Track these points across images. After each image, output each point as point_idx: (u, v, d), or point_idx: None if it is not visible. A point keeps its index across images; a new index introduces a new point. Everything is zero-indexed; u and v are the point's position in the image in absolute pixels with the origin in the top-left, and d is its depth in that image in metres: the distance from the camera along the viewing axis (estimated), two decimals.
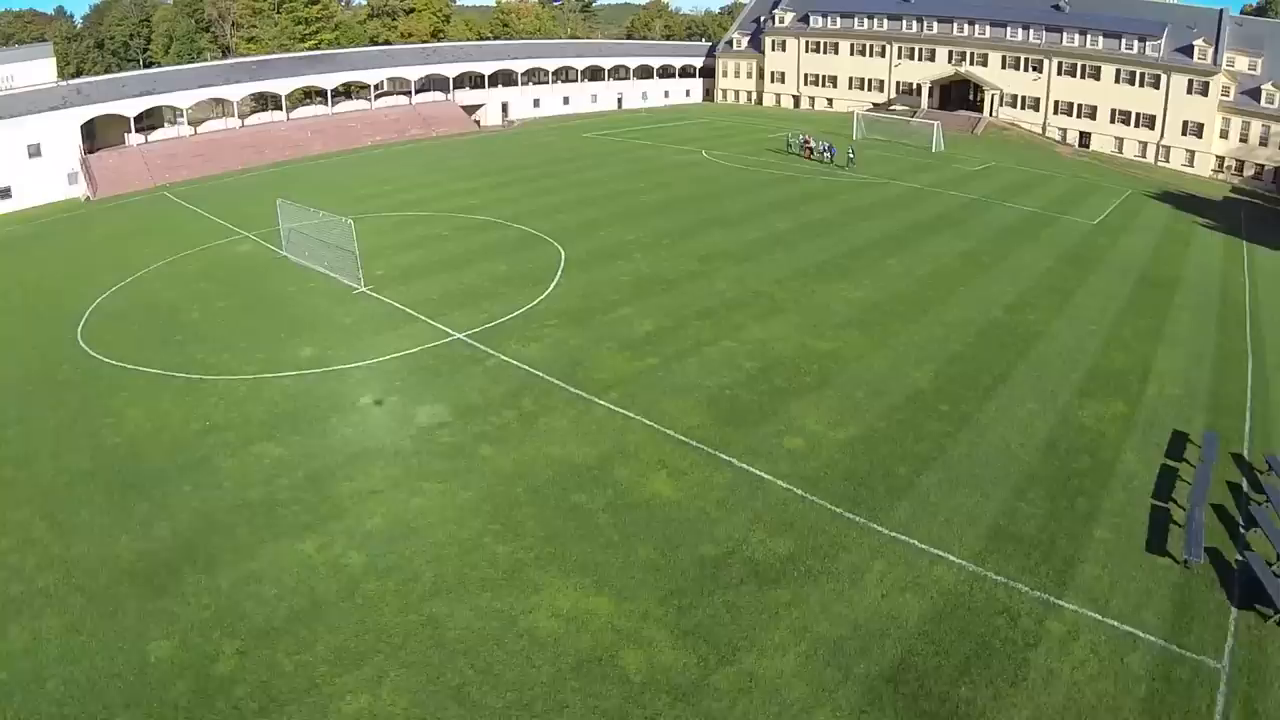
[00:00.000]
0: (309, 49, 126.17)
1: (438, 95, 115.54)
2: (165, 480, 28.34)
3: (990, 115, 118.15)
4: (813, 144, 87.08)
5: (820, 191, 72.48)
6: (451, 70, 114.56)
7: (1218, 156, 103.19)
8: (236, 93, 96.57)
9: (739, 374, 35.83)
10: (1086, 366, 38.75)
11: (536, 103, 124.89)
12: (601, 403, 32.96)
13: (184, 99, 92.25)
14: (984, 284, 49.31)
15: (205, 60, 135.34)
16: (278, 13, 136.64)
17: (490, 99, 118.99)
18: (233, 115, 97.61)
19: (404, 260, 50.55)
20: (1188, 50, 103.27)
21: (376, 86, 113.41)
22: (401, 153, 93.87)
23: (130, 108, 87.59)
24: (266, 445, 30.21)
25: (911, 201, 70.65)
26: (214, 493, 27.61)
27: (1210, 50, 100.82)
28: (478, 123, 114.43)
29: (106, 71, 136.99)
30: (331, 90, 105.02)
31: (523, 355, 37.25)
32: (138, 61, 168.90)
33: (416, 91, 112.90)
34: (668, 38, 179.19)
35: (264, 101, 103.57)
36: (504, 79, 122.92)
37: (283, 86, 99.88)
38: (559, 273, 48.00)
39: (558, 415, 32.05)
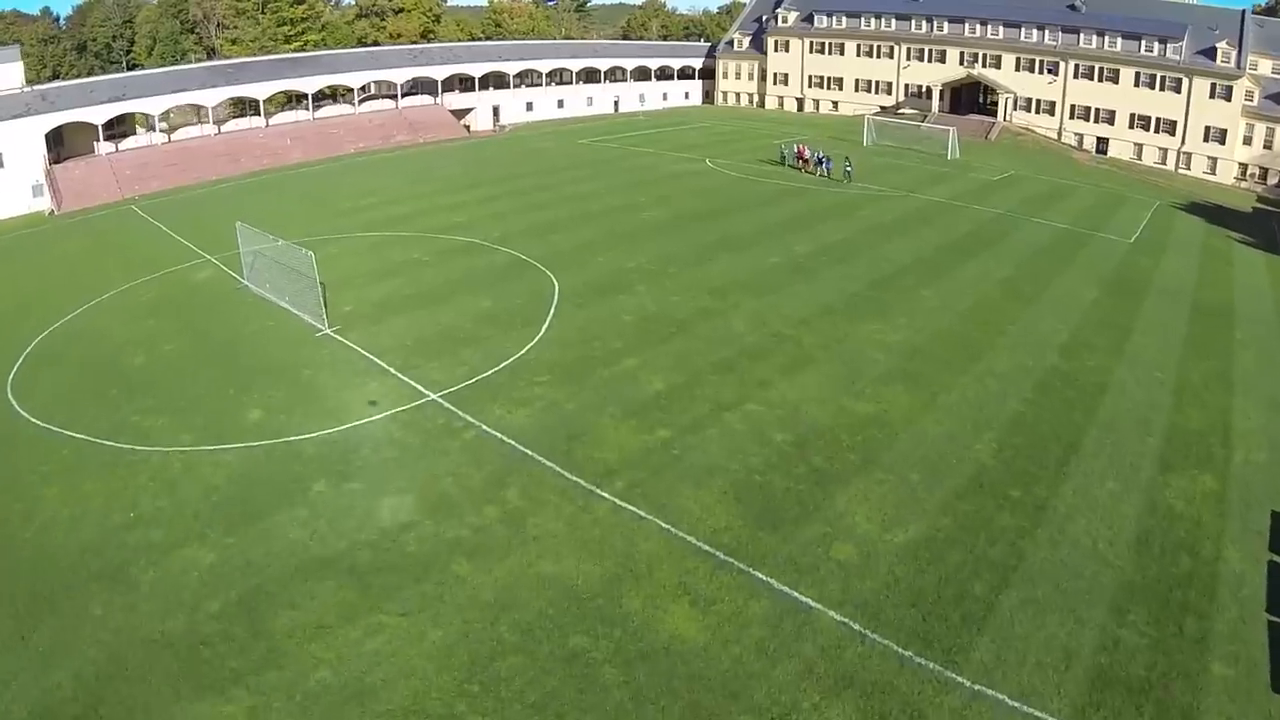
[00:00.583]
0: (294, 50, 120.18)
1: (425, 99, 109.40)
2: (74, 595, 22.59)
3: (1004, 119, 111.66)
4: (807, 154, 79.71)
5: (835, 207, 66.63)
6: (440, 72, 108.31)
7: (1240, 164, 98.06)
8: (211, 98, 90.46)
9: (769, 450, 29.72)
10: (1162, 428, 33.15)
11: (529, 106, 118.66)
12: (605, 495, 26.85)
13: (155, 105, 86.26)
14: (1031, 320, 43.65)
15: (190, 62, 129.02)
16: (262, 13, 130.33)
17: (481, 102, 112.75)
18: (208, 122, 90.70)
19: (377, 293, 44.50)
20: (1209, 53, 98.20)
21: (362, 89, 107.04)
22: (385, 161, 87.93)
23: (98, 115, 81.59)
24: (197, 550, 24.25)
25: (935, 217, 64.95)
26: (128, 618, 21.74)
27: (1234, 53, 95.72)
28: (467, 128, 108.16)
29: (89, 74, 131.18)
30: (313, 94, 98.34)
31: (508, 424, 31.08)
32: (121, 64, 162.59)
33: (403, 95, 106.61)
34: (664, 38, 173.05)
35: (243, 107, 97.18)
36: (495, 81, 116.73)
37: (261, 91, 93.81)
38: (551, 310, 42.01)
39: (551, 513, 25.93)
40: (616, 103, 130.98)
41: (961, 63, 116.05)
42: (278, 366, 36.13)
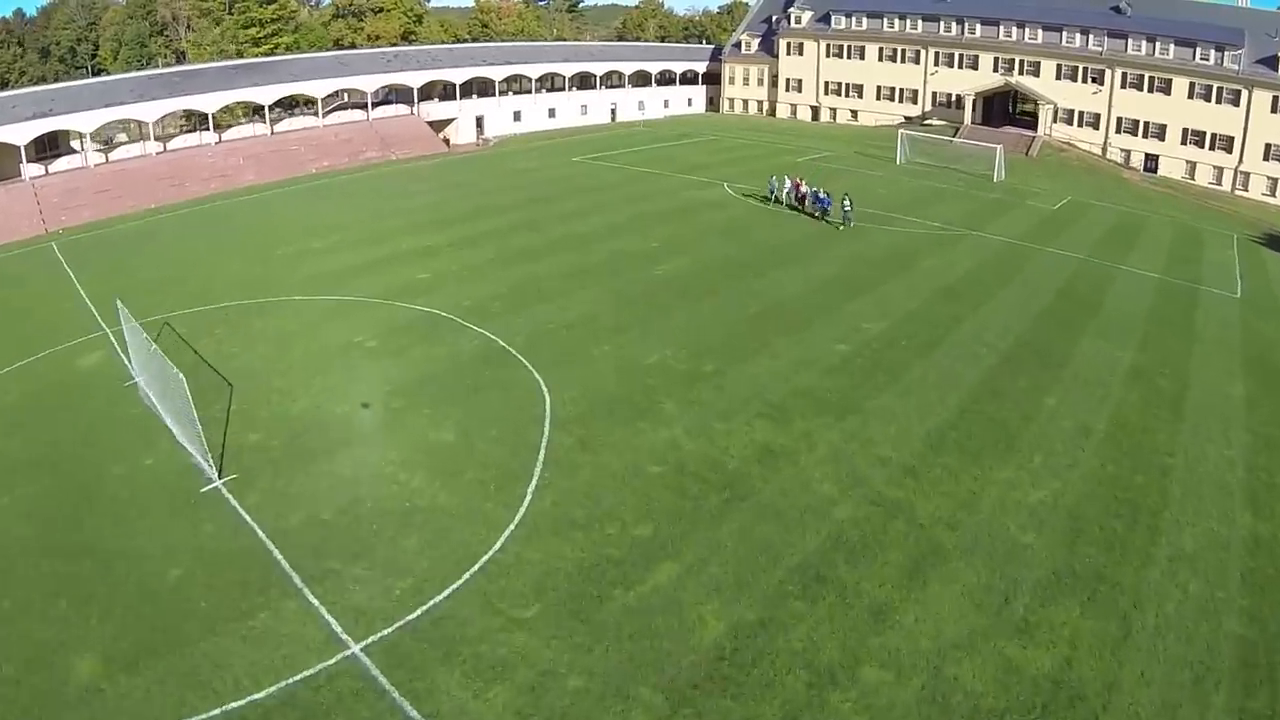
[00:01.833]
0: (263, 55, 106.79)
1: (401, 109, 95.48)
2: None
3: (1044, 133, 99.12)
4: (804, 190, 63.37)
5: (892, 255, 53.62)
6: (416, 79, 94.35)
7: None
8: (152, 111, 76.41)
9: None
10: None
11: (517, 116, 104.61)
12: None
13: (86, 121, 72.44)
14: (1190, 444, 31.41)
15: (158, 67, 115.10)
16: (229, 13, 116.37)
17: (462, 112, 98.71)
18: (150, 139, 76.59)
19: (298, 406, 31.35)
20: (1270, 61, 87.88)
21: (334, 97, 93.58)
22: (349, 185, 74.21)
23: (20, 134, 67.47)
24: None
25: (1011, 268, 52.61)
26: None
27: None
28: (446, 141, 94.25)
29: (56, 80, 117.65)
30: (271, 105, 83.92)
31: None
32: (86, 70, 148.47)
33: (375, 105, 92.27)
34: (662, 39, 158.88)
35: (197, 121, 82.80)
36: (479, 88, 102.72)
37: (210, 103, 79.77)
38: (541, 451, 28.39)
39: None
40: (613, 111, 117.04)
41: (996, 69, 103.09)
42: (134, 561, 22.90)
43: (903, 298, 45.02)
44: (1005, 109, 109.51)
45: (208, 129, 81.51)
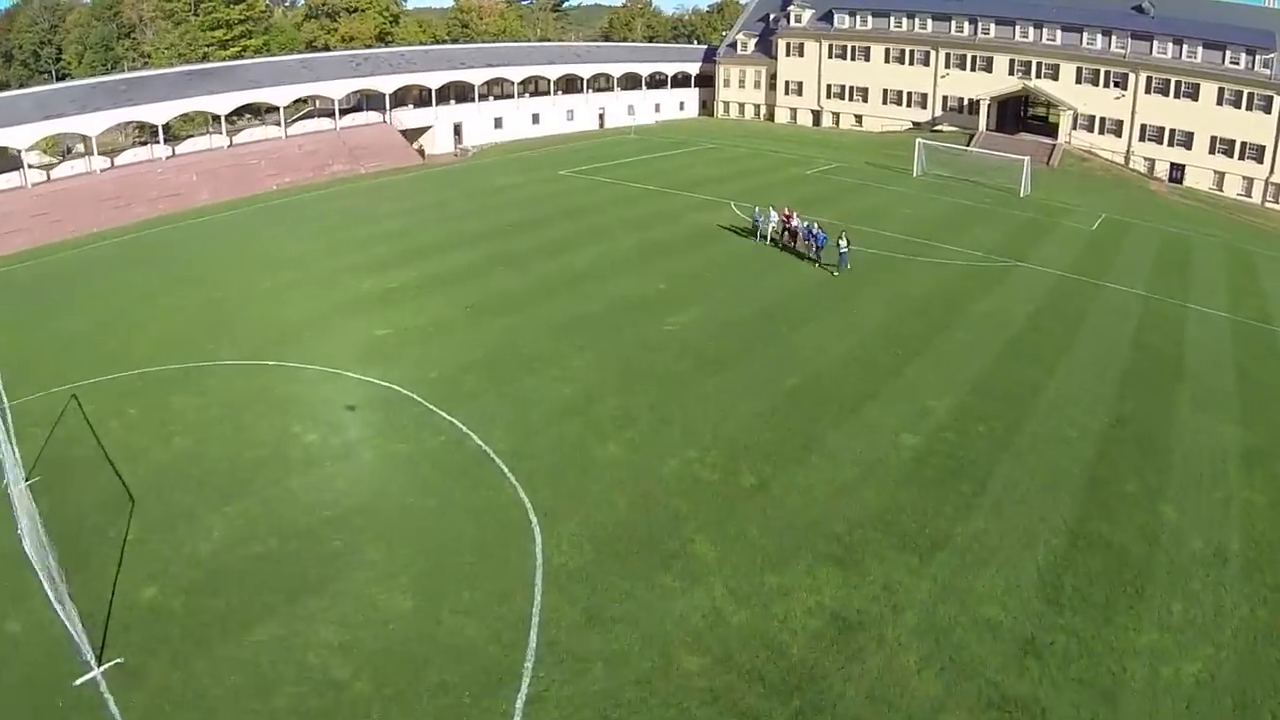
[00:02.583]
0: (231, 58, 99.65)
1: (372, 116, 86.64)
2: None
3: (1064, 141, 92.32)
4: (795, 224, 52.54)
5: (933, 294, 46.16)
6: (388, 84, 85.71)
7: None
8: (95, 124, 67.26)
9: None
10: None
11: (498, 123, 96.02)
12: None
13: (20, 136, 63.39)
14: None
15: (124, 71, 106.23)
16: (194, 14, 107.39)
17: (439, 120, 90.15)
18: (94, 153, 67.93)
19: (209, 545, 23.14)
20: None
21: (300, 105, 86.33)
22: (310, 206, 65.65)
23: None
24: None
25: (1073, 311, 45.02)
26: None
27: None
28: (421, 152, 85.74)
29: (20, 87, 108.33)
30: (228, 115, 75.08)
31: None
32: (50, 74, 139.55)
33: (343, 113, 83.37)
34: (650, 40, 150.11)
35: (152, 132, 74.10)
36: (457, 93, 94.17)
37: (159, 113, 70.80)
38: (531, 641, 19.97)
39: None
40: (601, 116, 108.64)
41: (1012, 72, 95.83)
42: None
43: (964, 357, 37.41)
44: (1018, 114, 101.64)
45: (160, 142, 72.22)
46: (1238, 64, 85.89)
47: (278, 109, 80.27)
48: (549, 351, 35.08)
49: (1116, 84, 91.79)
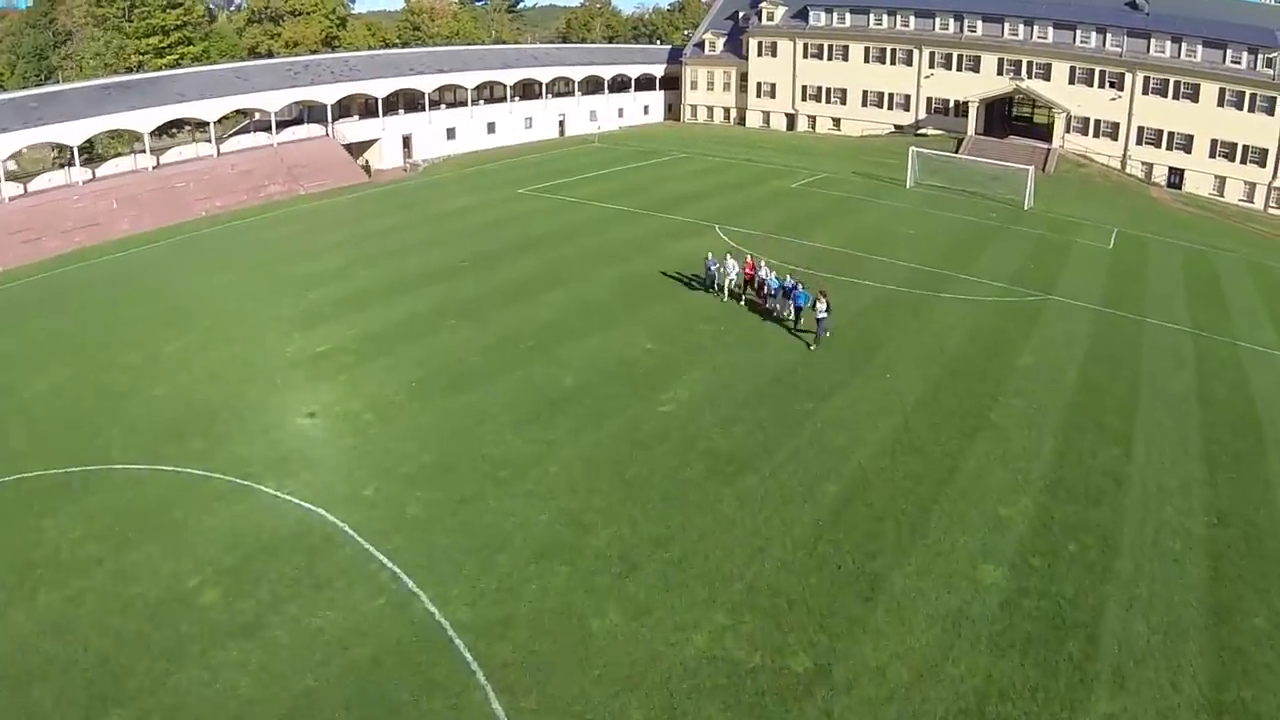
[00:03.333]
0: (168, 66, 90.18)
1: (314, 129, 77.91)
2: None
3: (1058, 144, 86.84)
4: (763, 275, 41.17)
5: (972, 340, 39.17)
6: (330, 93, 77.01)
7: None
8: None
9: None
10: None
11: (451, 133, 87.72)
12: None
13: None
14: None
15: (59, 82, 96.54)
16: (127, 20, 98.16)
17: (387, 131, 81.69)
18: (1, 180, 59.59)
19: None
20: None
21: (235, 119, 78.43)
22: (240, 236, 57.16)
23: None
24: None
25: (1126, 360, 38.60)
26: None
27: None
28: (367, 168, 77.06)
29: None
30: (154, 132, 66.45)
31: None
32: None
33: (282, 126, 74.65)
34: (609, 41, 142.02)
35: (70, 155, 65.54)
36: (406, 102, 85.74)
37: (73, 132, 61.91)
38: None
39: None
40: (562, 123, 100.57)
41: (1000, 72, 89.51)
42: None
43: (1024, 435, 30.42)
44: (1004, 115, 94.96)
45: (78, 164, 63.62)
46: (1239, 63, 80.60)
47: (208, 124, 71.15)
48: (517, 451, 27.22)
49: (1112, 84, 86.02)
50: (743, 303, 41.80)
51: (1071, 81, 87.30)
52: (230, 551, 22.19)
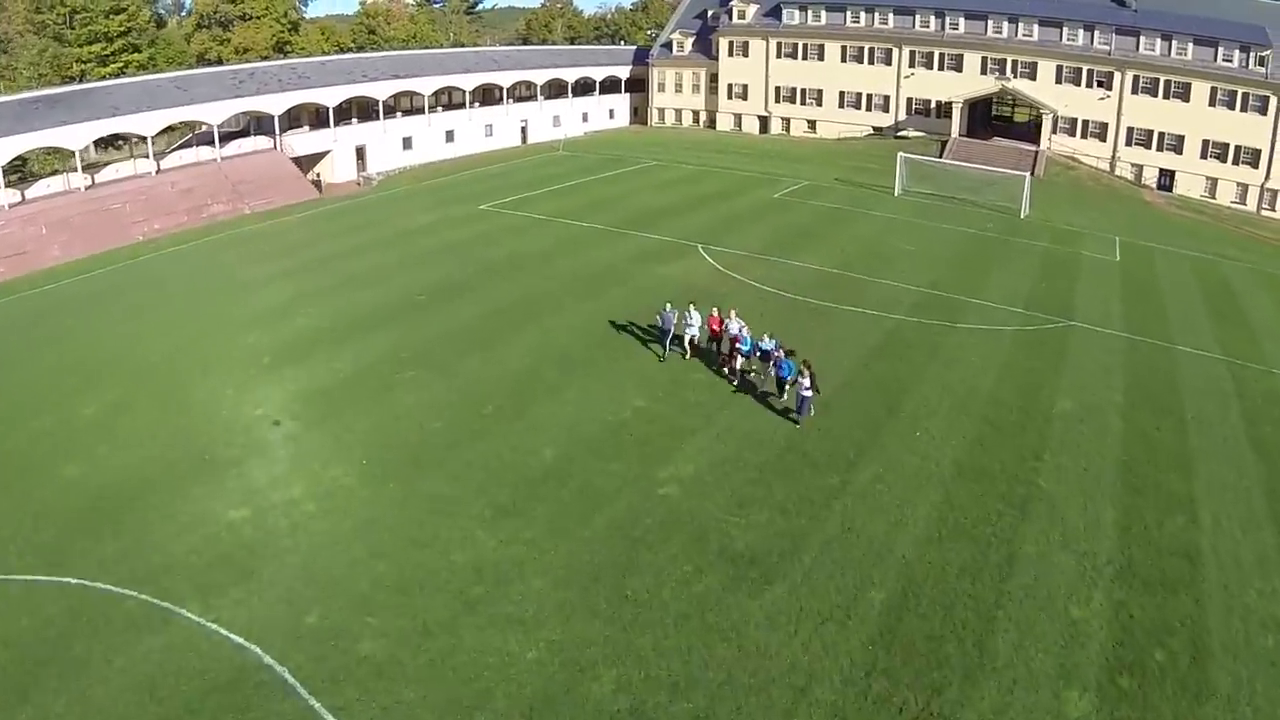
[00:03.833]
0: (112, 75, 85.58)
1: (261, 141, 72.07)
2: None
3: (1045, 146, 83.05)
4: (734, 330, 32.94)
5: (1002, 382, 34.66)
6: (278, 103, 71.29)
7: None
8: None
9: None
10: None
11: (407, 143, 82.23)
12: None
13: None
14: None
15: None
16: (69, 28, 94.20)
17: (339, 143, 76.12)
18: None
19: None
20: None
21: (189, 127, 72.42)
22: (175, 264, 51.51)
23: None
24: None
25: (1164, 397, 34.77)
26: None
27: None
28: (318, 183, 71.34)
29: None
30: (83, 149, 60.82)
31: None
32: None
33: (227, 138, 68.86)
34: (571, 42, 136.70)
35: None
36: (360, 111, 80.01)
37: None
38: None
39: None
40: (524, 130, 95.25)
41: (984, 71, 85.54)
42: None
43: (1081, 508, 26.08)
44: (986, 116, 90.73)
45: (2, 187, 57.80)
46: (1230, 61, 77.43)
47: (146, 139, 65.34)
48: (492, 556, 22.26)
49: (1100, 83, 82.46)
50: (712, 362, 34.19)
51: (1058, 81, 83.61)
52: (140, 712, 16.92)
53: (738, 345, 32.23)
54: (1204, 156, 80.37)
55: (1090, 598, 21.75)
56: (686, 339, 34.35)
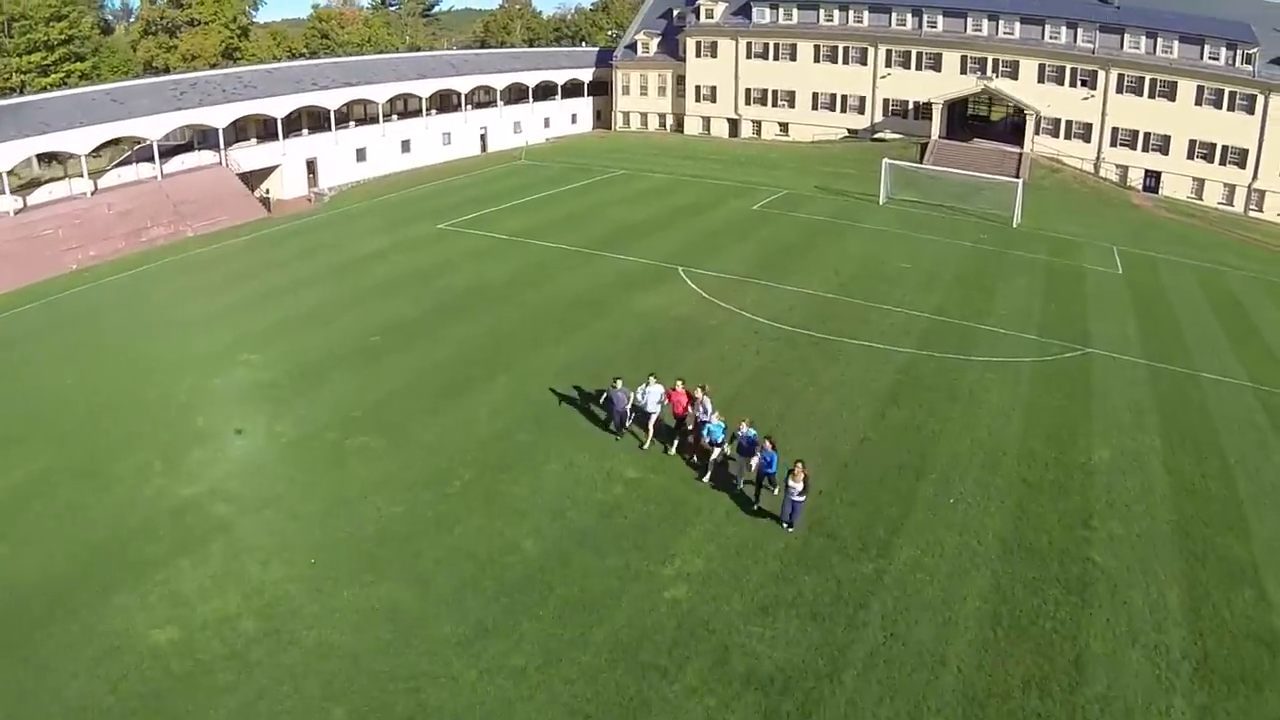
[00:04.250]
0: (55, 85, 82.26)
1: (206, 156, 67.38)
2: None
3: (1028, 148, 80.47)
4: (703, 414, 26.37)
5: (1032, 429, 31.29)
6: (222, 115, 66.62)
7: None
8: None
9: None
10: None
11: (361, 155, 77.74)
12: None
13: None
14: None
15: None
16: (8, 36, 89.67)
17: (288, 156, 71.57)
18: None
19: None
20: None
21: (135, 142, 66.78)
22: (105, 298, 46.27)
23: None
24: None
25: (1201, 438, 31.71)
26: None
27: None
28: (266, 201, 66.67)
29: None
30: (10, 170, 56.01)
31: None
32: None
33: (169, 153, 64.10)
34: (530, 44, 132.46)
35: None
36: (310, 121, 75.41)
37: None
38: None
39: None
40: (484, 138, 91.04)
41: (964, 70, 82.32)
42: None
43: (1145, 586, 22.90)
44: (963, 116, 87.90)
45: None
46: (1217, 60, 75.67)
47: (79, 158, 60.55)
48: (471, 696, 18.24)
49: (1084, 83, 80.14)
50: (673, 450, 27.77)
51: (1041, 80, 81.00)
52: None
53: (708, 433, 25.80)
54: (1190, 157, 78.40)
55: (1170, 706, 18.69)
56: (650, 423, 27.80)
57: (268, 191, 69.26)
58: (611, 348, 36.02)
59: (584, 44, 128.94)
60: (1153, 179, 79.76)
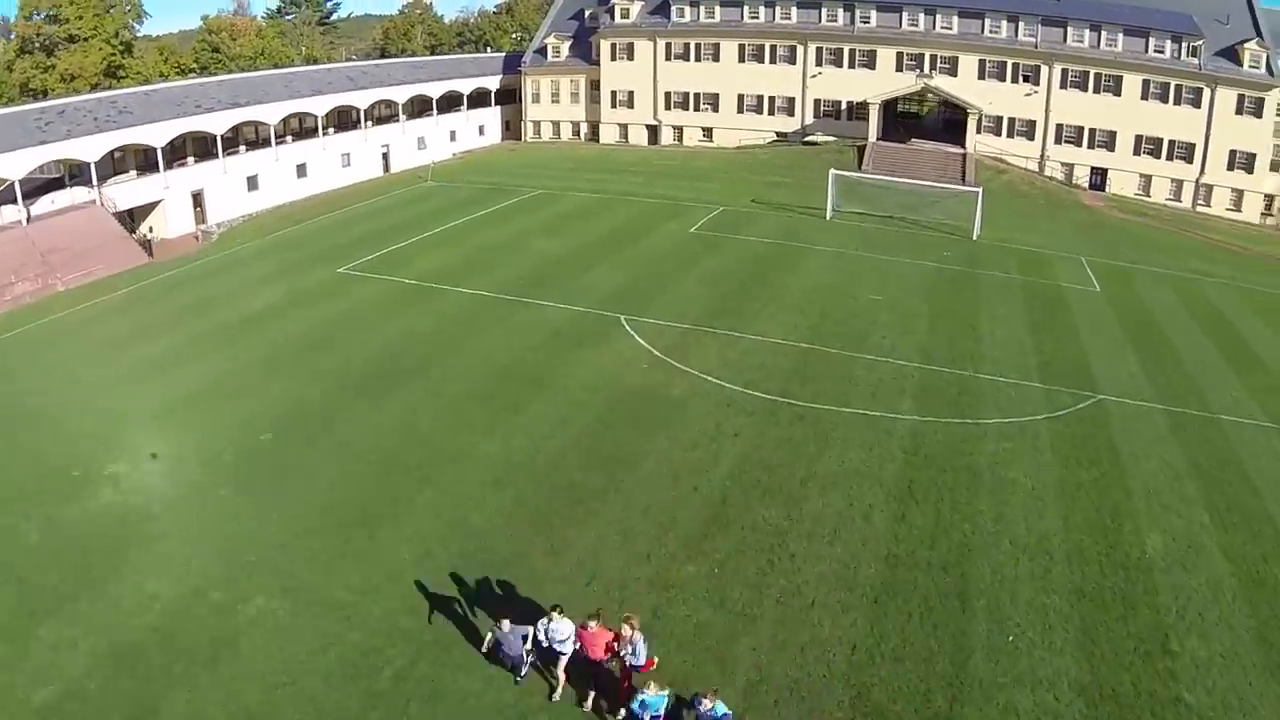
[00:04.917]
0: None
1: (79, 193, 60.31)
2: None
3: (970, 148, 77.39)
4: (635, 654, 18.22)
5: (1070, 521, 26.68)
6: (95, 146, 59.52)
7: (1266, 195, 74.68)
8: None
9: None
10: None
11: (252, 183, 70.90)
12: None
13: None
14: None
15: None
16: None
17: (172, 189, 64.62)
18: None
19: None
20: (1230, 54, 73.44)
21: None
22: None
23: None
24: None
25: (1254, 516, 27.39)
26: None
27: (1264, 55, 71.60)
28: (147, 244, 59.64)
29: None
30: None
31: None
32: None
33: (33, 193, 56.82)
34: (433, 51, 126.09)
35: None
36: (195, 148, 68.26)
37: None
38: None
39: None
40: (386, 157, 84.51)
41: (900, 68, 78.63)
42: None
43: None
44: (894, 114, 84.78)
45: None
46: (1162, 52, 74.30)
47: None
48: None
49: (1026, 78, 77.92)
50: (587, 706, 19.10)
51: (981, 76, 78.07)
52: None
53: (640, 701, 17.30)
54: (1137, 153, 76.82)
55: None
56: (561, 664, 19.16)
57: (150, 230, 62.22)
58: (556, 442, 30.06)
59: (489, 49, 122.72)
60: (1099, 176, 78.07)
